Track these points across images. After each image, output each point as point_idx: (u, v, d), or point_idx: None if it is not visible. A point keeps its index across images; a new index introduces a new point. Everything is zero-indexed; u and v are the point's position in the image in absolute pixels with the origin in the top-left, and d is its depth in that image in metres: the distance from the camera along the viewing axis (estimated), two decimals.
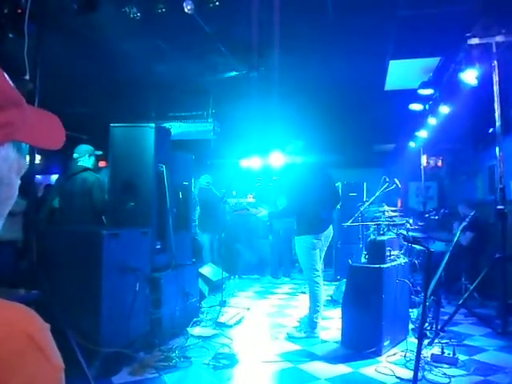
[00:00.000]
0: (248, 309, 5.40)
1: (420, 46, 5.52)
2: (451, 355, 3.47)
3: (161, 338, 3.87)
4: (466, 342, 4.05)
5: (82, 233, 3.51)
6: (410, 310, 4.45)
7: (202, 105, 8.01)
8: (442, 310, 4.71)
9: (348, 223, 5.27)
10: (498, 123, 4.49)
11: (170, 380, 3.21)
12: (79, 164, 4.69)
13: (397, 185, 5.11)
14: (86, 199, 4.53)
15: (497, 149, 4.52)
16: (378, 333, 3.73)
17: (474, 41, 4.57)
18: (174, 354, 3.61)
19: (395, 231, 4.74)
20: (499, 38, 4.45)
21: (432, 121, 7.11)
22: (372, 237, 4.77)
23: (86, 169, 4.67)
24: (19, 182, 0.64)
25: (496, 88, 4.51)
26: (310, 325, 4.31)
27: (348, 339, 3.98)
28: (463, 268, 5.72)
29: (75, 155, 4.74)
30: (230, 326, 4.64)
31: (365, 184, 7.74)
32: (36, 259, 2.84)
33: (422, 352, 3.13)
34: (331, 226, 4.52)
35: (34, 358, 0.50)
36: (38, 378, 0.50)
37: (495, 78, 4.53)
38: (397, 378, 3.26)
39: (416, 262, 5.48)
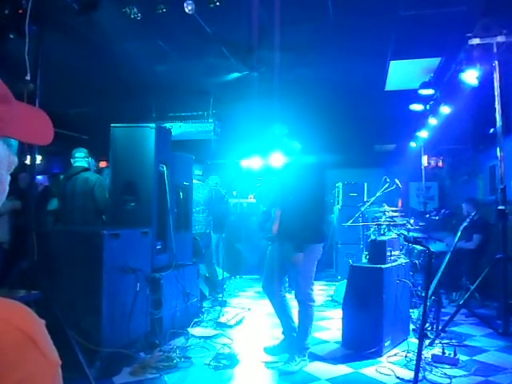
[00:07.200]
0: (249, 309, 5.40)
1: (421, 47, 5.51)
2: (452, 356, 3.47)
3: (161, 338, 3.88)
4: (466, 343, 4.05)
5: (83, 233, 3.51)
6: (411, 311, 4.45)
7: (202, 105, 8.01)
8: (442, 310, 4.71)
9: (349, 223, 5.27)
10: (498, 123, 4.49)
11: (171, 380, 3.20)
12: (77, 164, 4.68)
13: (397, 185, 5.10)
14: (88, 199, 4.52)
15: (497, 149, 4.52)
16: (379, 333, 3.73)
17: (475, 41, 4.57)
18: (174, 355, 3.61)
19: (396, 231, 4.74)
20: (500, 39, 4.44)
21: (433, 121, 7.11)
22: (373, 237, 4.76)
23: (86, 169, 4.67)
24: (9, 178, 0.63)
25: (497, 87, 4.51)
26: (301, 351, 3.55)
27: (349, 339, 3.98)
28: (464, 268, 5.72)
29: (76, 155, 4.73)
30: (231, 327, 4.64)
31: (365, 184, 7.75)
32: (36, 259, 2.83)
33: (423, 352, 3.13)
34: None
35: (31, 354, 0.49)
36: (36, 374, 0.49)
37: (496, 78, 4.53)
38: (397, 378, 3.25)
39: (417, 262, 5.48)
